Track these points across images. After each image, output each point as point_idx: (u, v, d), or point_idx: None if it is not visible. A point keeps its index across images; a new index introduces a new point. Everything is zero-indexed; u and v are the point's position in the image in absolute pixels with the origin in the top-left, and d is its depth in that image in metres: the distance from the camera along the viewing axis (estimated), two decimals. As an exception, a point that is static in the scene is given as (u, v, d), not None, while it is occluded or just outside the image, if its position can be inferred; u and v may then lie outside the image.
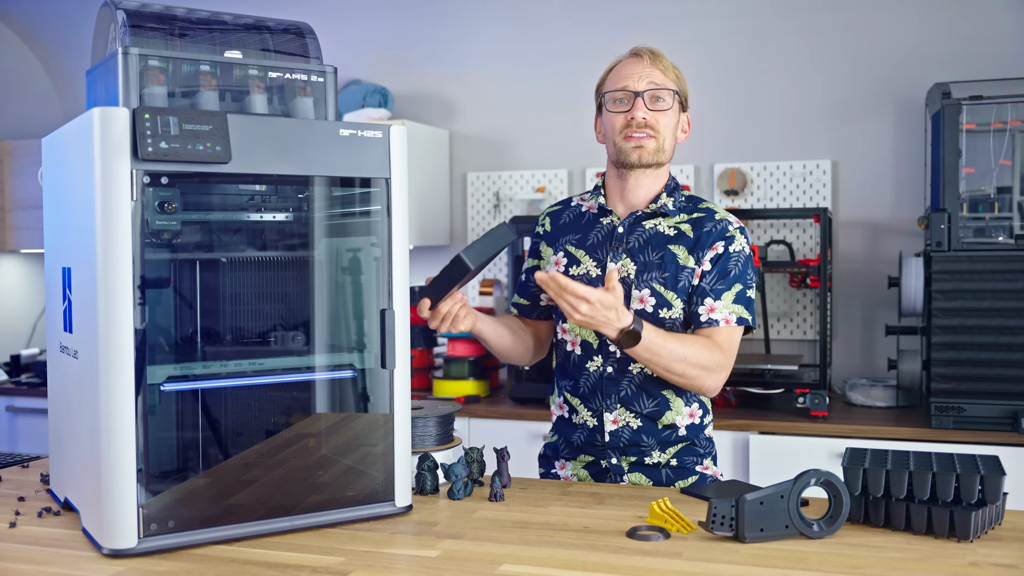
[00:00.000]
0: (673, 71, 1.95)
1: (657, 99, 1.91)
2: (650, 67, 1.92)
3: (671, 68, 1.95)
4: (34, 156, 4.14)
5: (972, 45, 3.39)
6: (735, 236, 1.92)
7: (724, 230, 1.92)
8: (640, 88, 1.91)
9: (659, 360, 1.80)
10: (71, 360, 1.59)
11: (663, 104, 1.92)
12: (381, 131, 1.63)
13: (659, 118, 1.91)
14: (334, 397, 1.70)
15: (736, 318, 1.90)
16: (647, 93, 1.91)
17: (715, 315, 1.89)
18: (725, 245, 1.91)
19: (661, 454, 1.94)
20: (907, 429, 2.89)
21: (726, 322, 1.89)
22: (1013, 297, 2.81)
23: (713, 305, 1.89)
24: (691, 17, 3.71)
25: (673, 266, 1.90)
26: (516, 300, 2.12)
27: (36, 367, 4.15)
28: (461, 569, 1.38)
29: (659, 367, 1.82)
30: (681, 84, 1.97)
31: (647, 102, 1.91)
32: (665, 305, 1.89)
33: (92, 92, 1.67)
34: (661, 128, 1.92)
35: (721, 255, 1.91)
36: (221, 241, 1.67)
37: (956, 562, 1.37)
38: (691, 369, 1.82)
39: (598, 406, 1.95)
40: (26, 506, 1.73)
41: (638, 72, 1.92)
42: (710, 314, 1.89)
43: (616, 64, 1.98)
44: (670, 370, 1.82)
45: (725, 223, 1.93)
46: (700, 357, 1.83)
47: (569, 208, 2.07)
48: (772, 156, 3.63)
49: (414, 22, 4.06)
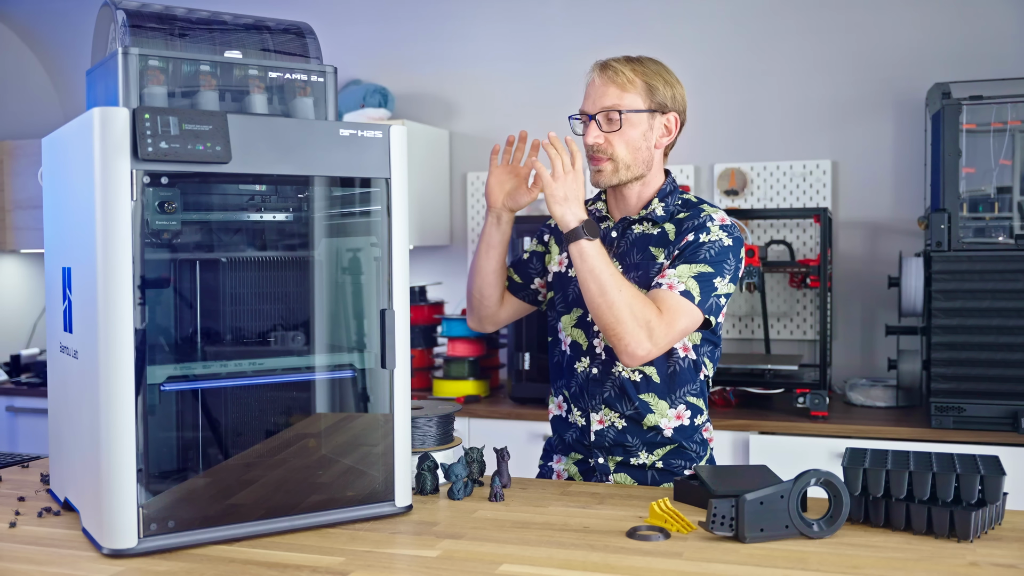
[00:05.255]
0: (641, 79, 1.88)
1: (610, 119, 1.89)
2: (607, 84, 1.89)
3: (635, 79, 1.88)
4: (34, 156, 4.14)
5: (972, 45, 3.39)
6: (711, 228, 1.87)
7: (702, 223, 1.88)
8: (592, 110, 1.91)
9: (598, 276, 1.77)
10: (71, 360, 1.59)
11: (614, 124, 1.89)
12: (381, 131, 1.63)
13: (614, 139, 1.89)
14: (334, 397, 1.70)
15: (682, 288, 1.81)
16: (600, 115, 1.90)
17: (663, 280, 1.84)
18: (697, 234, 1.86)
19: (648, 455, 1.93)
20: (907, 429, 2.89)
21: (669, 287, 1.82)
22: (1013, 297, 2.81)
23: (666, 272, 1.85)
24: (691, 17, 3.71)
25: (647, 264, 1.90)
26: (509, 273, 2.12)
27: (36, 367, 4.15)
28: (461, 569, 1.38)
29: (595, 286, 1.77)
30: (654, 89, 1.89)
31: (602, 125, 1.90)
32: None
33: (92, 92, 1.67)
34: (617, 149, 1.89)
35: (692, 242, 1.86)
36: (221, 241, 1.67)
37: (956, 562, 1.37)
38: (623, 309, 1.76)
39: (585, 406, 1.96)
40: (26, 506, 1.73)
41: (594, 92, 1.91)
42: (659, 279, 1.84)
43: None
44: (604, 294, 1.76)
45: (706, 218, 1.89)
46: (634, 302, 1.77)
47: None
48: (772, 156, 3.63)
49: (414, 22, 4.06)
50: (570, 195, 1.82)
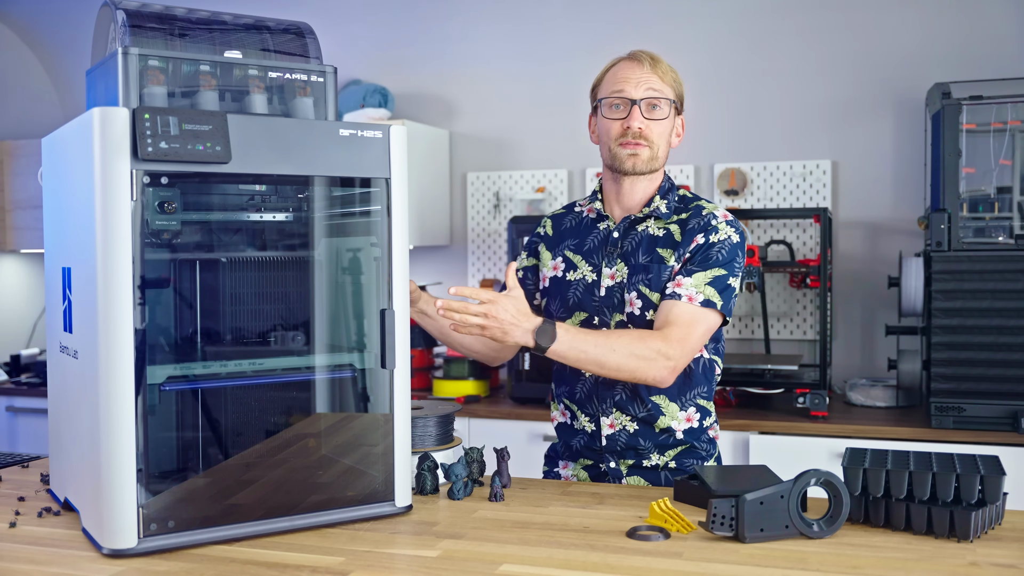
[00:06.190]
0: (671, 76, 1.93)
1: (654, 107, 1.89)
2: (649, 73, 1.89)
3: (669, 73, 1.92)
4: (34, 156, 4.14)
5: (972, 45, 3.39)
6: (719, 227, 1.89)
7: (707, 223, 1.90)
8: (637, 96, 1.89)
9: (588, 357, 1.76)
10: (71, 360, 1.59)
11: (659, 113, 1.90)
12: (381, 131, 1.63)
13: (654, 127, 1.90)
14: (334, 397, 1.70)
15: (703, 299, 1.83)
16: (644, 101, 1.89)
17: (680, 290, 1.84)
18: (707, 235, 1.88)
19: (660, 456, 1.93)
20: (907, 429, 2.89)
21: (688, 299, 1.83)
22: (1013, 297, 2.81)
23: (681, 280, 1.85)
24: (691, 17, 3.71)
25: (657, 267, 1.89)
26: None
27: (36, 367, 4.15)
28: (461, 569, 1.38)
29: (592, 365, 1.78)
30: (678, 88, 1.94)
31: (643, 110, 1.89)
32: (651, 307, 1.88)
33: (92, 92, 1.67)
34: (655, 137, 1.90)
35: (703, 244, 1.88)
36: (221, 241, 1.66)
37: (956, 562, 1.37)
38: (627, 360, 1.76)
39: (594, 411, 1.95)
40: (26, 506, 1.73)
41: (636, 77, 1.89)
42: (675, 288, 1.84)
43: (613, 65, 1.95)
44: (604, 366, 1.77)
45: (710, 216, 1.91)
46: (632, 347, 1.77)
47: (572, 213, 2.07)
48: (772, 156, 3.63)
49: (414, 22, 4.06)
50: (505, 324, 1.74)
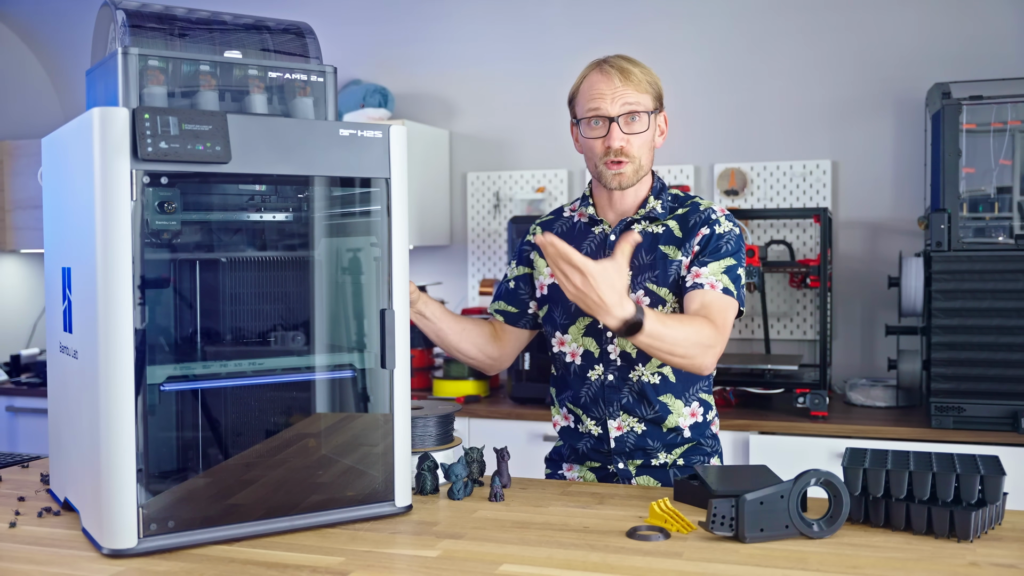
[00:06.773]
0: (645, 81, 1.88)
1: (632, 119, 1.87)
2: (622, 87, 1.85)
3: (643, 79, 1.88)
4: (34, 156, 4.14)
5: (972, 45, 3.39)
6: (720, 220, 1.91)
7: (708, 217, 1.91)
8: (614, 112, 1.85)
9: (661, 346, 1.71)
10: (71, 360, 1.59)
11: (639, 125, 1.87)
12: (381, 131, 1.63)
13: (635, 140, 1.87)
14: (334, 397, 1.70)
15: (722, 287, 1.84)
16: (621, 117, 1.86)
17: (700, 279, 1.84)
18: (711, 228, 1.90)
19: (668, 455, 1.94)
20: (907, 429, 2.89)
21: (711, 287, 1.83)
22: (1013, 297, 2.81)
23: (699, 271, 1.86)
24: (691, 17, 3.71)
25: (663, 263, 1.90)
26: (501, 307, 2.09)
27: (36, 367, 4.15)
28: (461, 569, 1.38)
29: (661, 353, 1.73)
30: (655, 89, 1.90)
31: (622, 126, 1.86)
32: (659, 302, 1.89)
33: (92, 92, 1.67)
34: (636, 151, 1.88)
35: (709, 236, 1.89)
36: (221, 241, 1.66)
37: (956, 562, 1.37)
38: (692, 349, 1.74)
39: (601, 414, 1.95)
40: (26, 506, 1.73)
41: (610, 93, 1.86)
42: (695, 279, 1.85)
43: (586, 78, 1.91)
44: (673, 354, 1.74)
45: (709, 211, 1.92)
46: (700, 336, 1.75)
47: (561, 219, 2.05)
48: (772, 156, 3.63)
49: (414, 22, 4.06)
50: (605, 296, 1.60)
